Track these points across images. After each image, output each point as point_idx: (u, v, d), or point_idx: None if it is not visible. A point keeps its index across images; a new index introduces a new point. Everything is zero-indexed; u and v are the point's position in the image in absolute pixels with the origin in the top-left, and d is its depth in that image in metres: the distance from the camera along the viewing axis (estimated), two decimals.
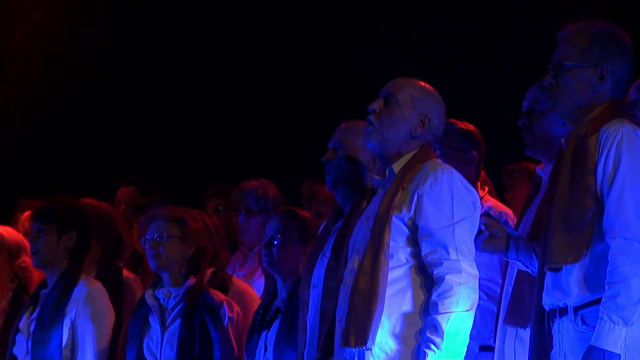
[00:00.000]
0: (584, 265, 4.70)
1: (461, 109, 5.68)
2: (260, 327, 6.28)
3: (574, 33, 4.89)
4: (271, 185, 7.98)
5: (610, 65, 4.84)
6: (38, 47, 10.89)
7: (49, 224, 6.81)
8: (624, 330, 4.54)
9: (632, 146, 4.68)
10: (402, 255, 4.97)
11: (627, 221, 4.61)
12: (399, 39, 9.67)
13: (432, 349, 4.83)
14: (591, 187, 4.68)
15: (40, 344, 6.68)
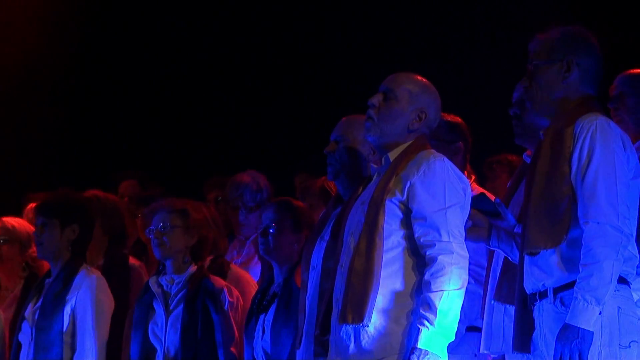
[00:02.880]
0: (561, 249, 4.78)
1: (446, 104, 5.76)
2: (258, 310, 6.33)
3: (541, 39, 5.01)
4: (261, 176, 8.02)
5: (575, 58, 4.94)
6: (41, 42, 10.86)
7: (52, 217, 6.82)
8: (596, 309, 4.60)
9: (605, 137, 4.75)
10: (396, 237, 5.01)
11: (599, 206, 4.67)
12: (393, 35, 9.64)
13: (426, 325, 4.85)
14: (567, 176, 4.77)
15: (43, 330, 6.68)
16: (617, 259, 4.65)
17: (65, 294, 6.75)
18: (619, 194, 4.70)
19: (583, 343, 4.61)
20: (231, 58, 10.72)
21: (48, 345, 6.69)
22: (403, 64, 5.58)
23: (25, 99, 10.67)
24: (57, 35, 10.89)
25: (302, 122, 9.19)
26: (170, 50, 10.98)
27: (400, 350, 4.96)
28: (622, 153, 4.79)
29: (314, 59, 10.22)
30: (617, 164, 4.74)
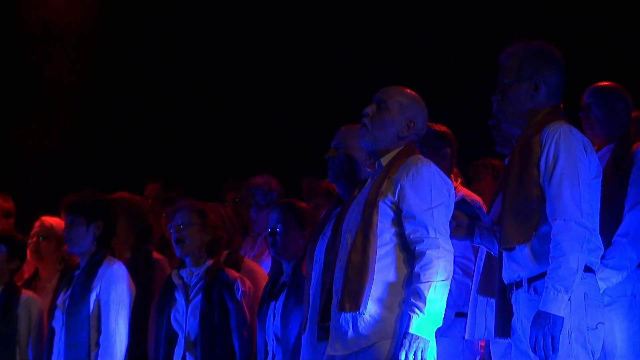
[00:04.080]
0: (533, 244, 4.79)
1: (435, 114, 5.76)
2: (269, 299, 6.33)
3: (510, 55, 4.99)
4: (273, 179, 7.99)
5: (542, 76, 4.94)
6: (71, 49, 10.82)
7: (79, 215, 6.84)
8: (565, 297, 4.61)
9: (568, 143, 4.78)
10: (388, 234, 5.00)
11: (565, 205, 4.69)
12: (388, 51, 9.64)
13: (417, 313, 4.85)
14: (536, 179, 4.78)
15: (72, 315, 6.69)
16: (582, 251, 4.66)
17: (90, 282, 6.74)
18: (582, 193, 4.72)
19: (555, 327, 4.61)
20: (249, 75, 10.68)
21: (77, 329, 6.69)
22: (395, 78, 5.55)
23: (61, 110, 10.65)
24: (87, 43, 10.89)
25: (307, 131, 9.16)
26: (191, 63, 10.93)
27: (393, 335, 4.94)
28: (584, 156, 4.81)
29: (317, 78, 10.18)
30: (579, 166, 4.76)
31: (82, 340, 6.65)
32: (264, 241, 7.62)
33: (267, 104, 10.47)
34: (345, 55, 9.92)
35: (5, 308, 7.04)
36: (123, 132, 10.88)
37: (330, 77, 10.01)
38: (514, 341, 4.92)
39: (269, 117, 10.40)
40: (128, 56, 10.84)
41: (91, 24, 10.87)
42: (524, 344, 4.80)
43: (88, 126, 10.72)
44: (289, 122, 10.20)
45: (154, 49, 10.91)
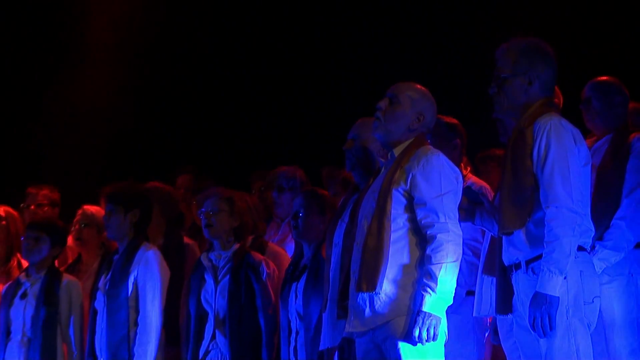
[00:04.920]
0: (529, 228, 4.80)
1: (445, 107, 5.76)
2: (291, 280, 6.31)
3: (506, 49, 5.00)
4: (299, 170, 7.97)
5: (535, 72, 4.94)
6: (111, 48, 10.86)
7: (117, 204, 6.83)
8: (560, 278, 4.64)
9: (558, 133, 4.79)
10: (401, 220, 4.99)
11: (556, 193, 4.71)
12: (400, 48, 9.62)
13: (429, 292, 4.84)
14: (530, 168, 4.80)
15: (113, 297, 6.70)
16: (574, 235, 4.69)
17: (128, 266, 6.74)
18: (572, 181, 4.74)
19: (551, 307, 4.64)
20: (276, 75, 10.65)
21: (117, 309, 6.69)
22: (407, 74, 5.53)
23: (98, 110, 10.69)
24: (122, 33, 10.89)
25: (326, 125, 9.11)
26: (221, 61, 10.90)
27: (407, 313, 4.93)
28: (573, 146, 4.82)
29: (336, 77, 10.18)
30: (569, 156, 4.78)
31: (121, 320, 6.66)
32: (287, 226, 7.57)
33: (291, 100, 10.45)
34: (361, 56, 9.90)
35: (48, 291, 7.03)
36: (157, 127, 10.89)
37: (347, 75, 10.01)
38: (515, 318, 4.94)
39: (292, 112, 10.39)
40: (161, 51, 10.84)
41: (128, 9, 10.84)
42: (524, 320, 4.81)
43: (124, 123, 10.72)
44: (310, 116, 10.18)
45: (186, 44, 10.90)
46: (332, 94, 10.04)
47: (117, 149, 10.70)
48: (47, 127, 10.70)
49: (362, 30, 10.00)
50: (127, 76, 10.70)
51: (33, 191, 8.47)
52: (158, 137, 10.84)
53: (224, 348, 6.46)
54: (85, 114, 10.74)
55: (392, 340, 4.92)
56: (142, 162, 10.35)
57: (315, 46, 10.34)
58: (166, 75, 10.82)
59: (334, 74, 10.17)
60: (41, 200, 8.40)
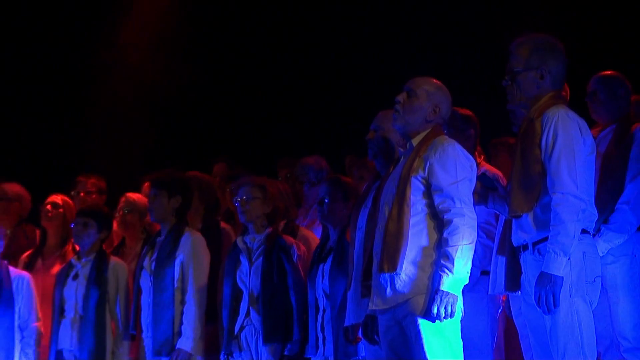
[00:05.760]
0: (536, 212, 4.80)
1: (461, 99, 5.74)
2: (318, 261, 6.31)
3: (520, 44, 4.98)
4: (322, 159, 7.99)
5: (546, 66, 4.92)
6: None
7: (161, 190, 6.84)
8: (564, 259, 4.64)
9: (565, 124, 4.78)
10: (420, 205, 4.97)
11: (563, 180, 4.71)
12: (418, 45, 9.60)
13: (446, 272, 4.83)
14: (538, 156, 4.79)
15: (159, 277, 6.71)
16: (578, 219, 4.69)
17: (175, 250, 6.75)
18: (578, 169, 4.73)
19: (555, 286, 4.65)
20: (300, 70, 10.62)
21: (163, 289, 6.71)
22: (423, 68, 5.51)
23: (140, 106, 10.72)
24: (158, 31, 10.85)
25: (349, 116, 9.08)
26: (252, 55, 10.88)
27: (426, 291, 4.92)
28: (579, 136, 4.80)
29: (357, 73, 10.13)
30: (575, 145, 4.77)
31: (167, 299, 6.68)
32: (315, 212, 7.54)
33: (318, 94, 10.42)
34: (381, 53, 9.87)
35: (97, 272, 7.06)
36: (193, 120, 10.90)
37: (369, 70, 9.97)
38: (522, 296, 4.95)
39: (318, 105, 10.36)
40: (198, 48, 10.83)
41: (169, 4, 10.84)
42: (531, 298, 4.80)
43: (163, 117, 10.78)
44: (335, 109, 10.16)
45: (219, 41, 10.88)
46: (355, 88, 10.01)
47: (157, 141, 10.73)
48: (96, 122, 10.73)
49: (385, 28, 9.96)
50: (166, 73, 10.70)
51: (82, 179, 8.51)
52: (194, 130, 10.85)
53: (258, 324, 6.45)
54: (128, 111, 10.76)
55: (411, 317, 4.90)
56: (180, 152, 10.36)
57: (341, 45, 10.31)
58: (203, 73, 10.81)
59: (357, 70, 10.13)
60: (90, 188, 8.44)
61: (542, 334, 4.80)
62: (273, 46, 10.70)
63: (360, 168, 7.75)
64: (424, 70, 5.39)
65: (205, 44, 10.84)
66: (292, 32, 10.62)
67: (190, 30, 10.80)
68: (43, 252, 7.72)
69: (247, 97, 10.78)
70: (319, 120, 10.17)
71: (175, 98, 10.74)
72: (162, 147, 10.66)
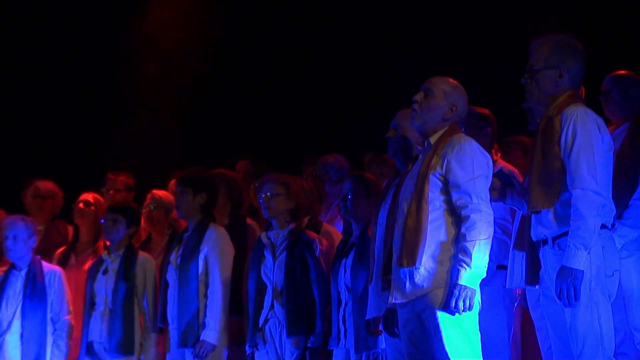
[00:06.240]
0: (556, 208, 4.79)
1: (477, 98, 5.72)
2: (341, 256, 6.29)
3: (539, 44, 4.97)
4: (342, 157, 7.99)
5: (565, 66, 4.92)
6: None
7: (187, 187, 6.85)
8: (585, 253, 4.64)
9: (584, 122, 4.77)
10: (438, 201, 4.97)
11: (582, 176, 4.70)
12: (437, 44, 9.57)
13: (464, 267, 4.83)
14: (557, 153, 4.79)
15: (184, 271, 6.73)
16: (598, 214, 4.69)
17: (199, 245, 6.76)
18: (597, 166, 4.73)
19: (576, 279, 4.64)
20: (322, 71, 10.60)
21: (188, 282, 6.72)
22: (441, 68, 5.49)
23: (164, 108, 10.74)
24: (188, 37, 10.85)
25: (370, 115, 9.07)
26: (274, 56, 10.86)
27: (445, 285, 4.92)
28: (598, 134, 4.80)
29: (377, 73, 10.12)
30: (594, 142, 4.76)
31: (192, 292, 6.69)
32: (336, 207, 7.55)
33: (340, 95, 10.39)
34: (400, 53, 9.81)
35: (125, 267, 7.08)
36: (217, 119, 10.87)
37: (387, 71, 9.93)
38: (542, 289, 4.93)
39: (340, 104, 10.34)
40: (220, 46, 10.80)
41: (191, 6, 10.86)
42: (550, 291, 4.80)
43: (188, 117, 10.78)
44: (356, 107, 10.15)
45: (242, 41, 10.84)
46: (376, 88, 10.00)
47: (183, 139, 10.75)
48: (125, 122, 10.76)
49: (404, 27, 9.93)
50: (193, 72, 10.73)
51: (112, 177, 8.53)
52: (220, 127, 10.83)
53: (281, 317, 6.45)
54: (155, 111, 10.81)
55: (430, 310, 4.90)
56: (206, 150, 10.38)
57: (363, 45, 10.30)
58: (228, 72, 10.82)
59: (377, 71, 10.12)
60: (119, 186, 8.46)
61: (562, 327, 4.79)
62: (298, 45, 10.66)
63: (380, 165, 7.75)
64: (441, 70, 5.39)
65: (231, 42, 10.82)
66: (316, 31, 10.60)
67: (216, 29, 10.79)
68: (76, 248, 7.77)
69: (271, 95, 10.76)
70: (342, 119, 10.17)
71: (201, 96, 10.75)
72: (188, 144, 10.68)
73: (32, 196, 8.13)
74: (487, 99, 6.43)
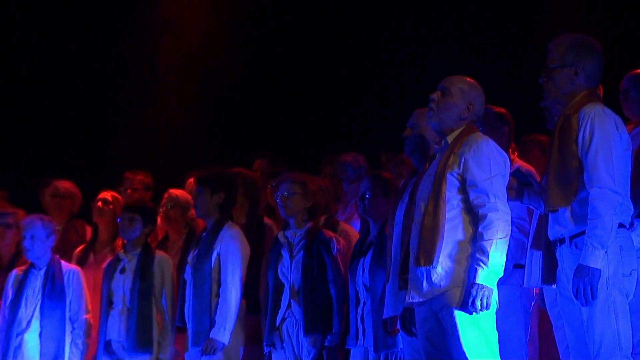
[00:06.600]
0: (573, 207, 4.77)
1: (494, 97, 5.71)
2: (359, 255, 6.29)
3: (557, 43, 4.96)
4: (360, 156, 7.98)
5: (581, 64, 4.91)
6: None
7: (204, 187, 6.84)
8: (602, 252, 4.62)
9: (602, 121, 4.76)
10: (455, 200, 4.95)
11: (600, 175, 4.68)
12: (454, 43, 9.58)
13: (481, 266, 4.82)
14: (575, 152, 4.77)
15: (198, 270, 6.73)
16: (615, 213, 4.67)
17: (213, 243, 6.76)
18: (614, 164, 4.71)
19: (593, 278, 4.63)
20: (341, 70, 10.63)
21: (202, 281, 6.72)
22: (458, 67, 5.47)
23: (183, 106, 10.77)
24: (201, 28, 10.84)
25: (387, 114, 9.07)
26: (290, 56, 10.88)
27: (462, 284, 4.90)
28: (615, 133, 4.78)
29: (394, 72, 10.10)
30: (612, 141, 4.75)
31: (205, 291, 6.69)
32: (354, 206, 7.56)
33: (356, 94, 10.40)
34: (417, 52, 9.83)
35: (143, 266, 7.08)
36: (234, 119, 10.92)
37: (404, 70, 9.93)
38: (558, 288, 4.92)
39: (357, 104, 10.35)
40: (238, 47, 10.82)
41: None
42: (567, 290, 4.78)
43: (207, 116, 10.81)
44: (373, 107, 10.15)
45: (259, 42, 10.88)
46: (393, 87, 10.00)
47: (199, 140, 10.77)
48: (143, 122, 10.79)
49: (421, 27, 9.93)
50: (210, 73, 10.76)
51: (130, 176, 8.56)
52: (237, 127, 10.87)
53: (299, 316, 6.46)
54: (173, 111, 10.83)
55: (448, 309, 4.89)
56: (223, 149, 10.41)
57: (379, 44, 10.30)
58: (245, 72, 10.82)
59: (394, 70, 10.11)
60: (136, 185, 8.49)
61: (579, 326, 4.78)
62: (317, 44, 10.68)
63: (397, 164, 7.74)
64: (458, 69, 5.39)
65: (250, 42, 10.84)
66: (335, 31, 10.61)
67: (236, 28, 10.81)
68: (95, 247, 7.79)
69: (289, 94, 10.78)
70: (359, 119, 10.19)
71: (218, 96, 10.77)
72: (206, 143, 10.70)
73: (50, 196, 8.18)
74: (505, 98, 6.42)
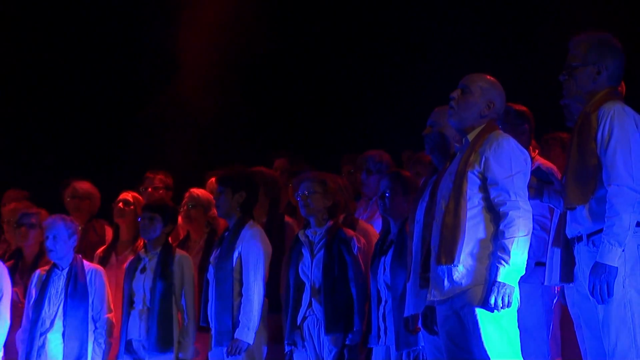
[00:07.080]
0: (591, 205, 4.76)
1: (515, 95, 5.69)
2: (380, 253, 6.28)
3: (579, 41, 4.95)
4: (385, 154, 7.95)
5: (604, 63, 4.89)
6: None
7: (226, 186, 6.85)
8: (619, 250, 4.60)
9: (621, 119, 4.74)
10: (476, 199, 4.94)
11: (618, 172, 4.66)
12: (474, 42, 9.55)
13: (503, 264, 4.80)
14: (594, 150, 4.75)
15: (220, 269, 6.73)
16: (633, 211, 4.65)
17: (234, 242, 6.76)
18: (633, 162, 4.69)
19: (610, 276, 4.62)
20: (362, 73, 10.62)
21: (224, 280, 6.71)
22: (478, 65, 5.48)
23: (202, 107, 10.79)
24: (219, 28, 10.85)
25: (407, 113, 9.04)
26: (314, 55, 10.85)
27: (484, 282, 4.89)
28: (635, 131, 4.76)
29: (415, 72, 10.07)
30: (631, 139, 4.72)
31: (227, 291, 6.69)
32: (375, 204, 7.53)
33: (377, 93, 10.41)
34: (438, 51, 9.82)
35: (163, 265, 7.09)
36: (256, 118, 10.92)
37: (424, 68, 9.91)
38: (576, 286, 4.92)
39: (378, 103, 10.35)
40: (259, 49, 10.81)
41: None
42: (584, 288, 4.78)
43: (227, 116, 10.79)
44: (393, 105, 10.14)
45: (282, 42, 10.84)
46: (413, 86, 9.98)
47: (220, 139, 10.77)
48: (164, 124, 10.82)
49: (441, 26, 9.93)
50: (230, 73, 10.75)
51: (150, 176, 8.59)
52: (257, 126, 10.87)
53: (320, 314, 6.45)
54: (193, 110, 10.84)
55: (469, 307, 4.88)
56: (244, 148, 10.41)
57: (401, 44, 10.29)
58: (266, 72, 10.85)
59: (414, 69, 10.08)
60: (157, 184, 8.51)
61: (595, 324, 4.77)
62: (338, 43, 10.67)
63: (417, 163, 7.73)
64: (478, 67, 5.36)
65: (272, 41, 10.82)
66: (356, 30, 10.61)
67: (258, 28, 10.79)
68: (116, 247, 7.82)
69: (310, 93, 10.79)
70: (380, 117, 10.17)
71: (240, 94, 10.78)
72: (227, 143, 10.70)
73: (69, 197, 8.22)
74: (525, 96, 6.40)
